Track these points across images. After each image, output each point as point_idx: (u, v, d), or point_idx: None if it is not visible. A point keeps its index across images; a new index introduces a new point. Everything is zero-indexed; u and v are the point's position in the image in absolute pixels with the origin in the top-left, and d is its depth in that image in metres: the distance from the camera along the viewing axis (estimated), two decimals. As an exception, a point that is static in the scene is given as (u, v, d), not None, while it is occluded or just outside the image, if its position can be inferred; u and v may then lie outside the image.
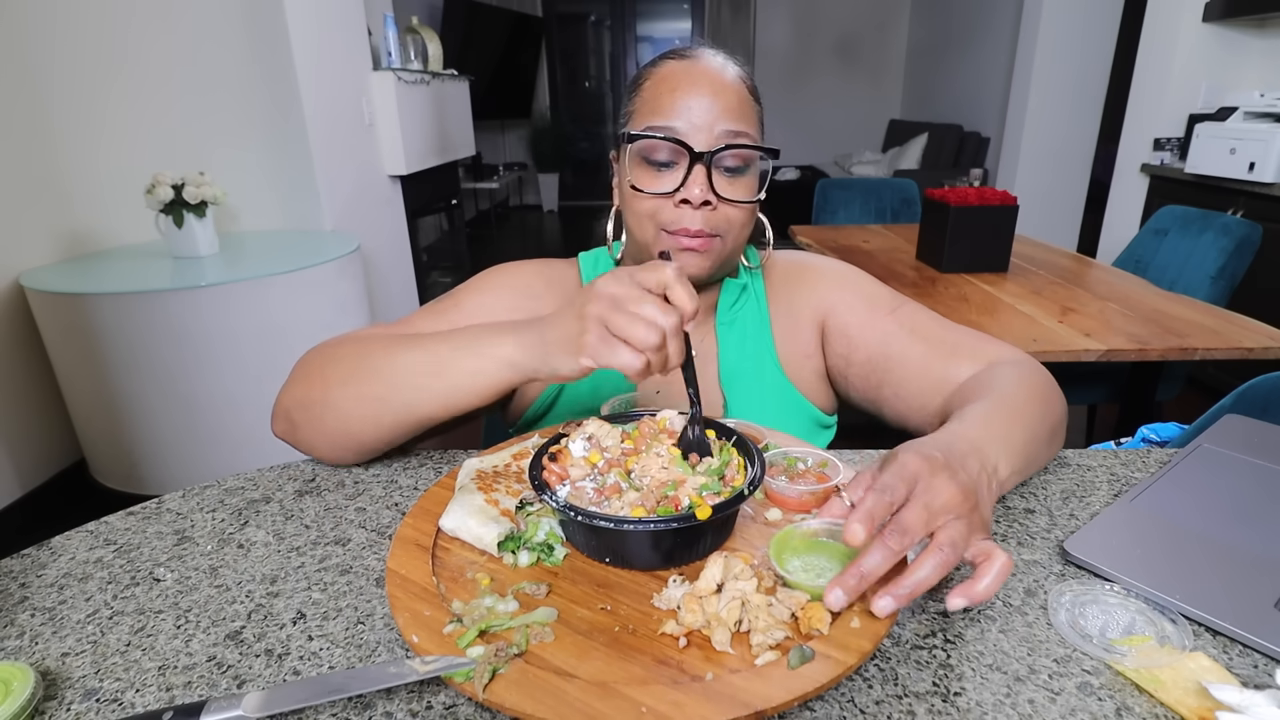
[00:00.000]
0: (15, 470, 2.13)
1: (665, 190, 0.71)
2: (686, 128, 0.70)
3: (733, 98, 0.71)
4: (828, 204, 3.11)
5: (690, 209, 0.71)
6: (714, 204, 0.71)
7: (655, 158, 0.71)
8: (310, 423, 0.69)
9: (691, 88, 0.71)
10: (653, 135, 0.70)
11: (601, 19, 7.19)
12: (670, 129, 0.70)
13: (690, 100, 0.70)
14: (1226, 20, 3.03)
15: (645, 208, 0.73)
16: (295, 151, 2.79)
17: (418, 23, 3.77)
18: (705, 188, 0.70)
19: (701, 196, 0.70)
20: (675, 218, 0.72)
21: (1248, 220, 1.96)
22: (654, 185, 0.72)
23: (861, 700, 0.43)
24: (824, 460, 0.61)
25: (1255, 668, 0.46)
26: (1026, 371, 0.70)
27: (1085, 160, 4.28)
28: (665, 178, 0.72)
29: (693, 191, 0.69)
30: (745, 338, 0.83)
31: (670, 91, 0.71)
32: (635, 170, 0.73)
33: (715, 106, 0.70)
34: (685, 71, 0.72)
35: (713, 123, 0.70)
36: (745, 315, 0.83)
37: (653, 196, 0.72)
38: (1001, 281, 1.91)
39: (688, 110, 0.70)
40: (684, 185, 0.70)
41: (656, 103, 0.72)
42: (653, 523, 0.48)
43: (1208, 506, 0.62)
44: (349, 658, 0.48)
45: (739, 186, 0.72)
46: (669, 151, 0.71)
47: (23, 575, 0.58)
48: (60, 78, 2.28)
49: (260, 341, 2.09)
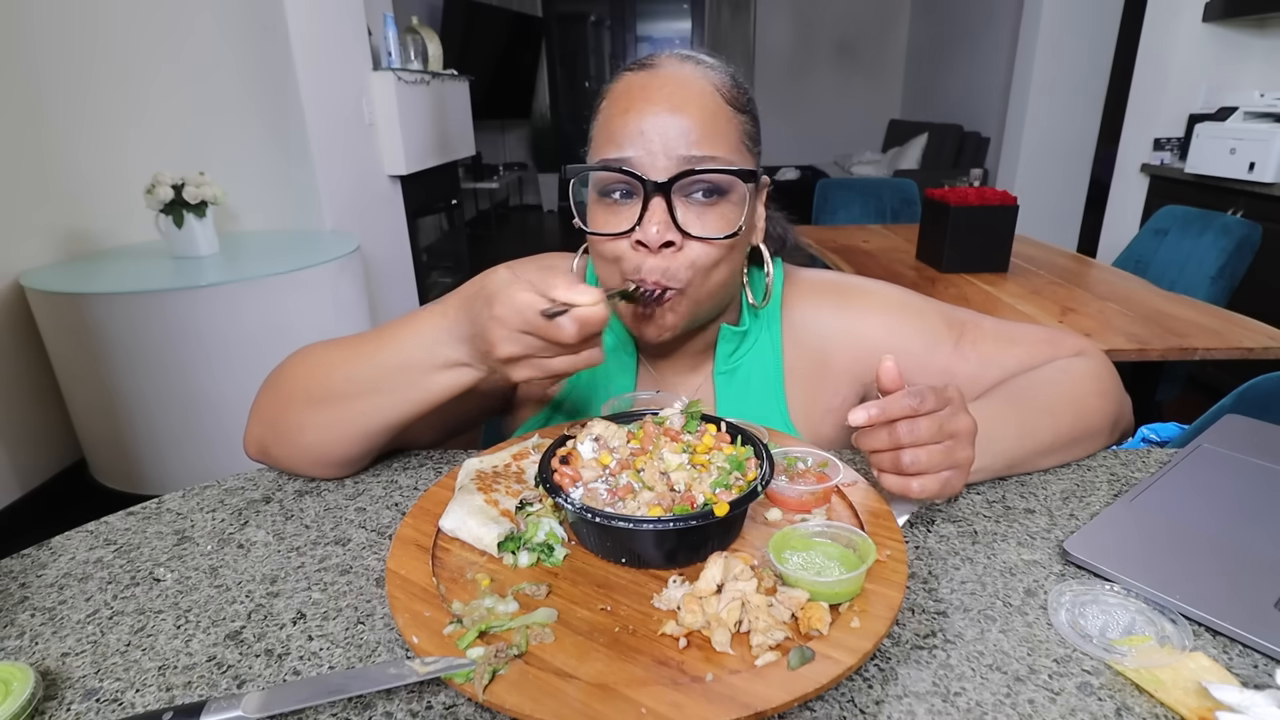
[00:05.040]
0: (15, 470, 2.13)
1: (622, 229, 0.62)
2: (640, 155, 0.60)
3: (696, 115, 0.61)
4: (828, 204, 3.11)
5: (648, 253, 0.61)
6: (677, 243, 0.61)
7: (609, 192, 0.63)
8: (283, 448, 0.67)
9: (646, 106, 0.61)
10: (599, 168, 0.62)
11: (601, 19, 7.19)
12: (622, 159, 0.61)
13: (644, 122, 0.60)
14: (1226, 20, 3.03)
15: (606, 251, 0.64)
16: (295, 151, 2.79)
17: (418, 23, 3.77)
18: (665, 224, 0.60)
19: (660, 237, 0.60)
20: (635, 263, 0.62)
21: (1248, 220, 1.96)
22: (610, 225, 0.62)
23: (861, 700, 0.43)
24: (824, 460, 0.61)
25: (1255, 668, 0.46)
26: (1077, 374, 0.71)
27: (1085, 160, 4.28)
28: (623, 215, 0.62)
29: (649, 231, 0.60)
30: (749, 389, 0.74)
31: (623, 114, 0.62)
32: (591, 209, 0.65)
33: (674, 127, 0.60)
34: (641, 88, 0.62)
35: (671, 146, 0.60)
36: (750, 364, 0.74)
37: (609, 238, 0.63)
38: (1001, 281, 1.91)
39: (639, 135, 0.60)
40: (640, 224, 0.60)
41: (609, 127, 0.63)
42: (671, 521, 0.48)
43: (1208, 506, 0.62)
44: (349, 658, 0.48)
45: (711, 219, 0.62)
46: (623, 183, 0.62)
47: (23, 575, 0.58)
48: (60, 78, 2.28)
49: (260, 341, 2.09)
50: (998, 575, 0.54)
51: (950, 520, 0.62)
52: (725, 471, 0.54)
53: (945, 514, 0.63)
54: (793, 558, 0.49)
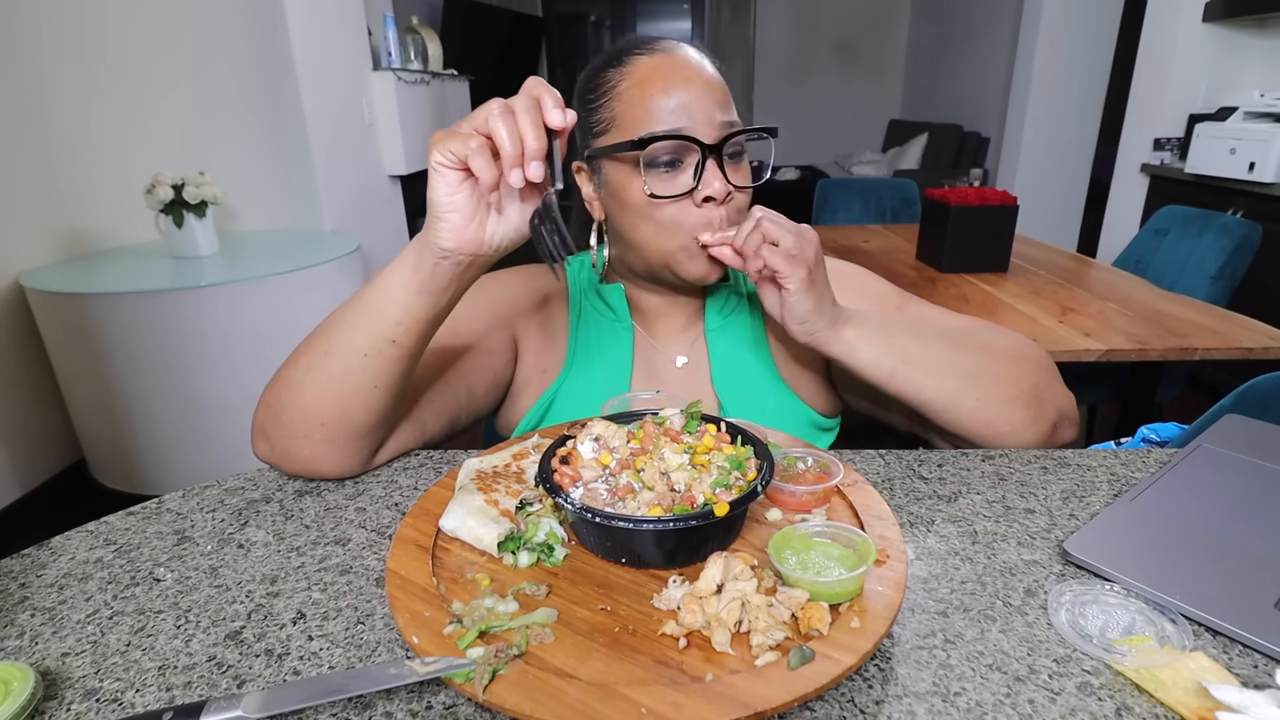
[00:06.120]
0: (15, 470, 2.13)
1: (682, 192, 0.69)
2: (692, 124, 0.68)
3: (718, 86, 0.71)
4: (828, 204, 3.11)
5: (714, 206, 0.70)
6: (733, 194, 0.71)
7: (660, 161, 0.69)
8: (280, 425, 0.66)
9: (685, 83, 0.69)
10: (668, 136, 0.67)
11: (601, 19, 7.19)
12: (678, 128, 0.68)
13: (686, 95, 0.69)
14: (1226, 20, 3.03)
15: (667, 215, 0.70)
16: (295, 151, 2.79)
17: (418, 23, 3.77)
18: (724, 180, 0.69)
19: (726, 188, 0.69)
20: (702, 220, 0.70)
21: (1248, 220, 1.96)
22: (669, 189, 0.69)
23: (861, 700, 0.43)
24: (824, 460, 0.61)
25: (1255, 668, 0.46)
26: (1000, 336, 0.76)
27: (1085, 160, 4.28)
28: (675, 180, 0.70)
29: (714, 186, 0.68)
30: (739, 344, 0.82)
31: (663, 91, 0.69)
32: (634, 182, 0.70)
33: (709, 98, 0.69)
34: (669, 67, 0.70)
35: (711, 115, 0.69)
36: (738, 322, 0.83)
37: (673, 200, 0.69)
38: (1001, 281, 1.91)
39: (684, 107, 0.68)
40: (701, 183, 0.69)
41: (645, 104, 0.69)
42: (671, 521, 0.48)
43: (1208, 506, 0.62)
44: (349, 658, 0.48)
45: (743, 171, 0.72)
46: (677, 151, 0.69)
47: (23, 575, 0.58)
48: (60, 78, 2.28)
49: (260, 341, 2.09)
50: (998, 575, 0.54)
51: (950, 520, 0.62)
52: (725, 471, 0.54)
53: (945, 514, 0.63)
54: (793, 558, 0.49)
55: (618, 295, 0.80)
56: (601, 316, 0.82)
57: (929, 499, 0.65)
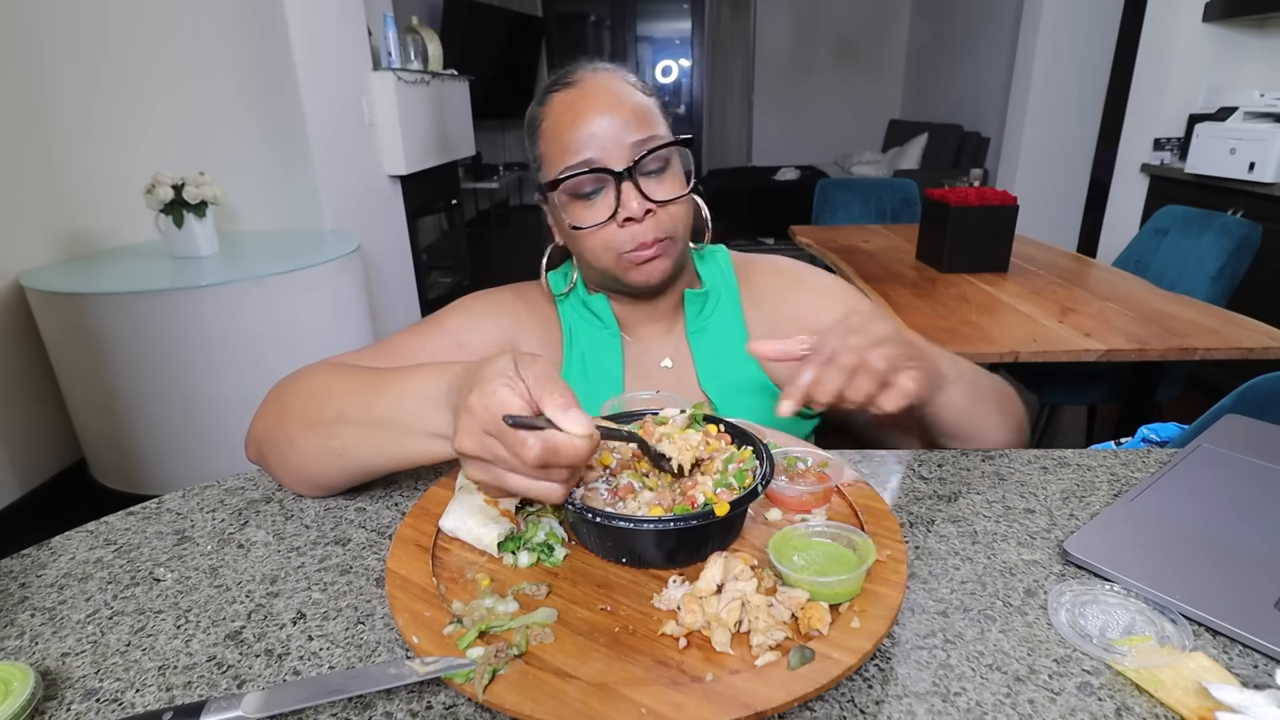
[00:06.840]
0: (15, 470, 2.13)
1: (604, 219, 0.72)
2: (599, 153, 0.71)
3: (627, 107, 0.72)
4: (828, 204, 3.11)
5: (636, 224, 0.72)
6: (654, 210, 0.73)
7: (583, 192, 0.73)
8: (274, 459, 0.67)
9: (588, 112, 0.71)
10: (573, 174, 0.71)
11: (601, 19, 7.19)
12: (585, 161, 0.71)
13: (591, 126, 0.71)
14: (1226, 20, 3.03)
15: (596, 241, 0.74)
16: (295, 151, 2.79)
17: (418, 23, 3.77)
18: (640, 200, 0.71)
19: (641, 207, 0.71)
20: (628, 238, 0.73)
21: (1248, 220, 1.96)
22: (593, 217, 0.73)
23: (861, 700, 0.43)
24: (824, 460, 0.61)
25: (1255, 668, 0.46)
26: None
27: (1085, 160, 4.28)
28: (599, 205, 0.73)
29: (630, 208, 0.71)
30: (720, 343, 0.84)
31: (571, 126, 0.72)
32: (570, 210, 0.74)
33: (616, 122, 0.71)
34: (578, 100, 0.73)
35: (620, 138, 0.71)
36: (718, 323, 0.84)
37: (597, 228, 0.73)
38: (1001, 281, 1.91)
39: (592, 137, 0.71)
40: (620, 206, 0.71)
41: (560, 140, 0.73)
42: (671, 521, 0.48)
43: (1208, 506, 0.62)
44: (349, 658, 0.48)
45: (667, 184, 0.74)
46: (594, 181, 0.72)
47: (23, 575, 0.58)
48: (60, 78, 2.28)
49: (260, 341, 2.09)
50: (998, 575, 0.54)
51: (950, 520, 0.62)
52: (739, 473, 0.54)
53: (945, 514, 0.63)
54: (793, 558, 0.49)
55: (602, 304, 0.83)
56: (590, 325, 0.84)
57: (929, 499, 0.65)
